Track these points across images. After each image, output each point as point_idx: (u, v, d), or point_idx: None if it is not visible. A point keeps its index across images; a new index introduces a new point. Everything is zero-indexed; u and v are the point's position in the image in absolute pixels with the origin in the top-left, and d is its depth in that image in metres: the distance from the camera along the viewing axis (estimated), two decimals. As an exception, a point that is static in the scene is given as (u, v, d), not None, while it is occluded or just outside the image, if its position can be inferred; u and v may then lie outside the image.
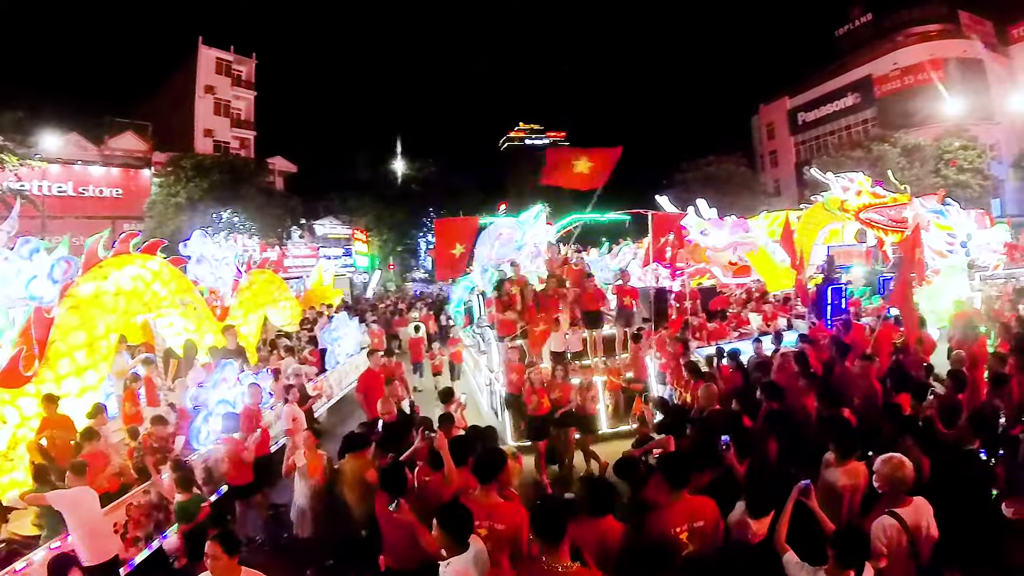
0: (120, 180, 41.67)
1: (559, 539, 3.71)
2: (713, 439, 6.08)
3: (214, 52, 50.81)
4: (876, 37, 52.53)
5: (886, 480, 4.54)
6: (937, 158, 39.90)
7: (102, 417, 8.81)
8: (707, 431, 6.40)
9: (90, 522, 6.23)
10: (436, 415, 8.05)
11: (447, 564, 4.05)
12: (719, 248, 18.11)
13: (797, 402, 7.88)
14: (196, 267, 12.97)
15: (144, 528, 7.57)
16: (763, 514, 4.46)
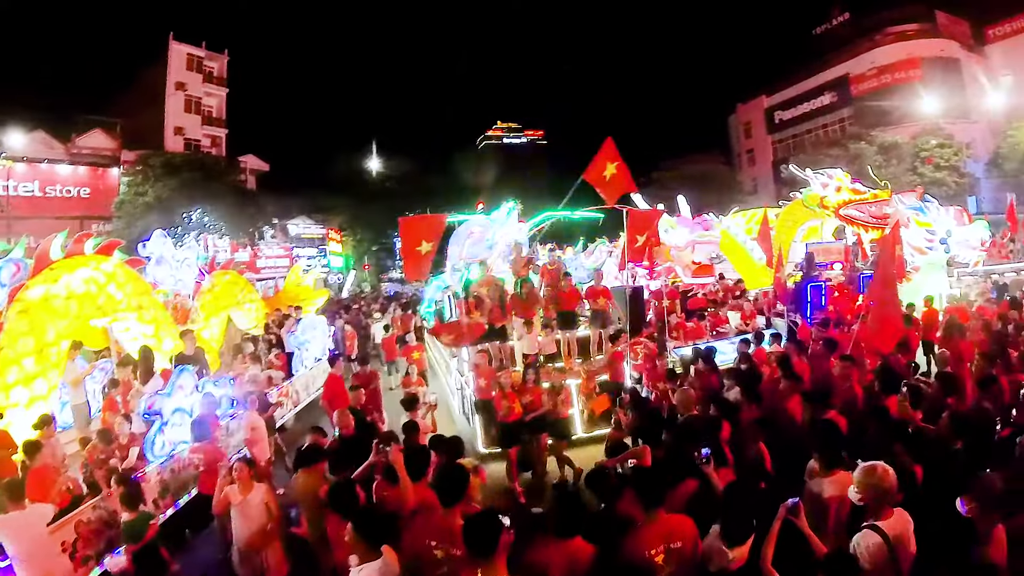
0: (88, 179, 40.80)
1: (490, 553, 3.41)
2: (690, 448, 5.72)
3: (185, 48, 49.86)
4: (854, 36, 52.65)
5: (868, 491, 4.20)
6: (914, 156, 40.13)
7: (49, 429, 8.30)
8: (684, 439, 6.01)
9: (32, 547, 5.79)
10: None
11: (359, 570, 3.95)
12: (680, 247, 17.90)
13: (780, 405, 7.55)
14: (155, 269, 12.50)
15: (94, 546, 7.02)
16: (739, 542, 4.04)
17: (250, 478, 6.40)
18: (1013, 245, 23.68)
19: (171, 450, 8.80)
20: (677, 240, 18.05)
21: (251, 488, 6.32)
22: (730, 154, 62.91)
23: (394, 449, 5.24)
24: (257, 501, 6.22)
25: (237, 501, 6.24)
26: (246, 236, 41.92)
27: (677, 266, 18.17)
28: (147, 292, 11.69)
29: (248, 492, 6.28)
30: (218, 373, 12.23)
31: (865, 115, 48.02)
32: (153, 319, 11.68)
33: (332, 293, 43.47)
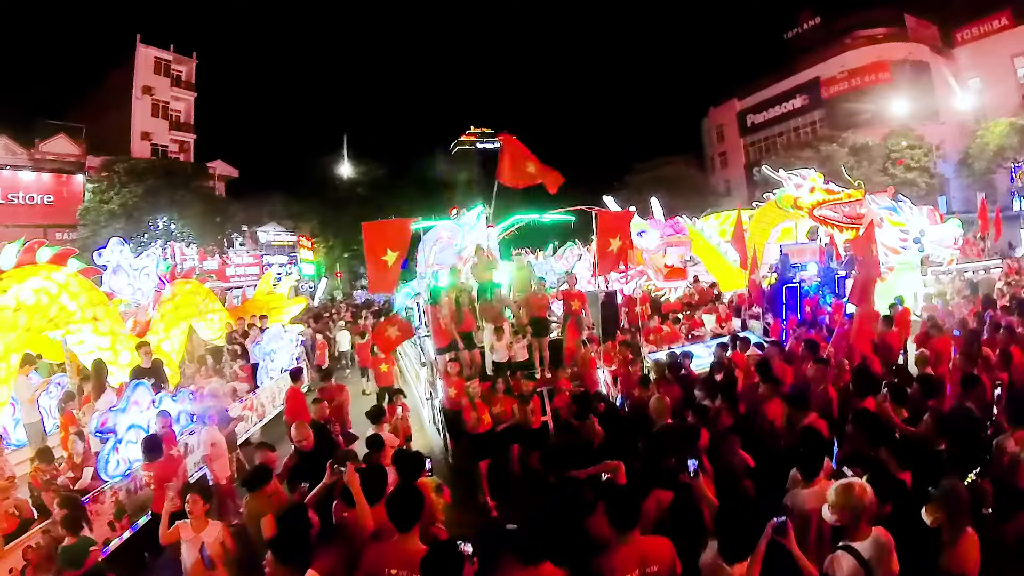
0: (52, 186, 39.59)
1: None
2: (667, 459, 5.44)
3: (152, 51, 48.57)
4: (824, 40, 53.13)
5: (844, 511, 3.94)
6: (885, 157, 40.51)
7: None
8: (660, 450, 5.72)
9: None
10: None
11: None
12: (652, 250, 17.66)
13: (758, 409, 7.31)
14: (112, 278, 11.96)
15: (45, 572, 6.62)
16: (740, 558, 3.77)
17: (204, 513, 5.86)
18: (983, 243, 23.89)
19: (126, 469, 8.36)
20: (648, 243, 17.81)
21: (205, 525, 5.79)
22: (703, 157, 63.17)
23: (349, 469, 4.84)
24: (211, 540, 5.66)
25: (189, 537, 5.73)
26: (215, 244, 41.09)
27: (649, 269, 17.94)
28: (103, 303, 11.18)
29: (202, 529, 5.74)
30: (179, 387, 11.78)
31: (836, 117, 48.54)
32: (109, 331, 11.15)
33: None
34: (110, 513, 7.86)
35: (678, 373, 9.09)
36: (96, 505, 7.65)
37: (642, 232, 17.79)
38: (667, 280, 18.00)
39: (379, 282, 10.25)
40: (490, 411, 8.90)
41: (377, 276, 10.09)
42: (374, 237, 9.99)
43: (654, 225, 18.15)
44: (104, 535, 7.53)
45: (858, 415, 6.04)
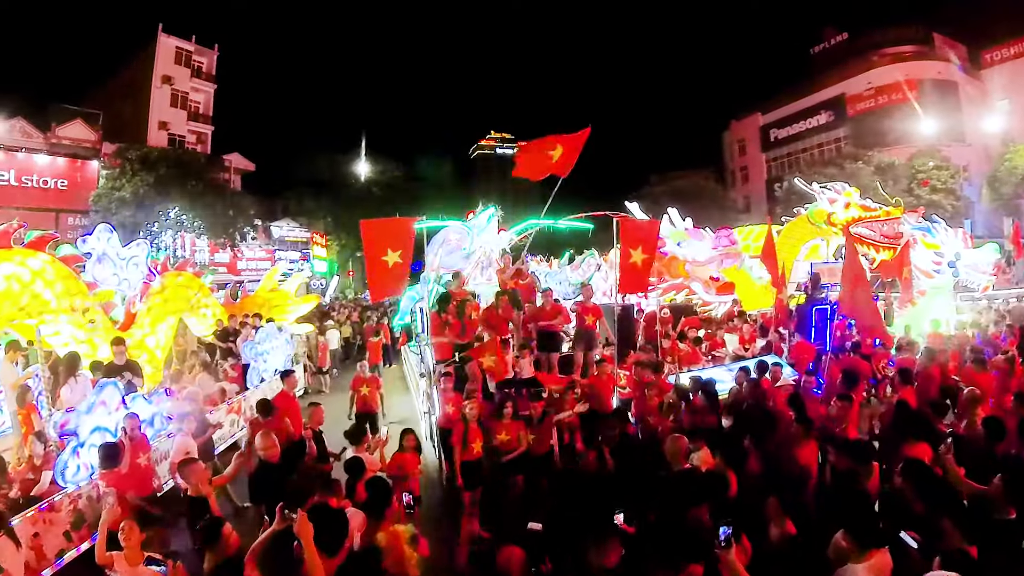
0: (66, 171, 39.15)
1: None
2: (687, 517, 4.62)
3: (174, 41, 48.42)
4: (851, 56, 52.30)
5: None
6: (910, 177, 39.52)
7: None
8: (681, 502, 4.87)
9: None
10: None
11: None
12: (701, 261, 16.60)
13: (788, 453, 6.43)
14: (96, 267, 11.19)
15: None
16: None
17: (139, 544, 5.10)
18: (1012, 270, 22.89)
19: (88, 475, 7.64)
20: (698, 254, 16.73)
21: (139, 559, 5.03)
22: (723, 171, 62.19)
23: (300, 519, 3.94)
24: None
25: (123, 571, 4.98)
26: (226, 236, 40.59)
27: (695, 282, 16.81)
28: (82, 293, 10.46)
29: (136, 563, 4.99)
30: (160, 386, 11.05)
31: (861, 135, 47.66)
32: (87, 322, 10.45)
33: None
34: (67, 522, 7.19)
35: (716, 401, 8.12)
36: (51, 513, 7.01)
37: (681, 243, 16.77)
38: (719, 293, 16.89)
39: (380, 285, 9.38)
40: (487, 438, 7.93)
41: (377, 278, 9.24)
42: (374, 236, 9.18)
43: (695, 235, 17.12)
44: (58, 546, 6.93)
45: (913, 469, 5.11)
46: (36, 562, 6.57)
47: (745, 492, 5.44)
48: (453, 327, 10.27)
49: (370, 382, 11.53)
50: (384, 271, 8.97)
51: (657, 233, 10.86)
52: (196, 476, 6.15)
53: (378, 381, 11.65)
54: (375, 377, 11.60)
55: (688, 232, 17.54)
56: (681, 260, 16.24)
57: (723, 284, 16.43)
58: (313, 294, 45.14)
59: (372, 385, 11.52)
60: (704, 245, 16.94)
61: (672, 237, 16.70)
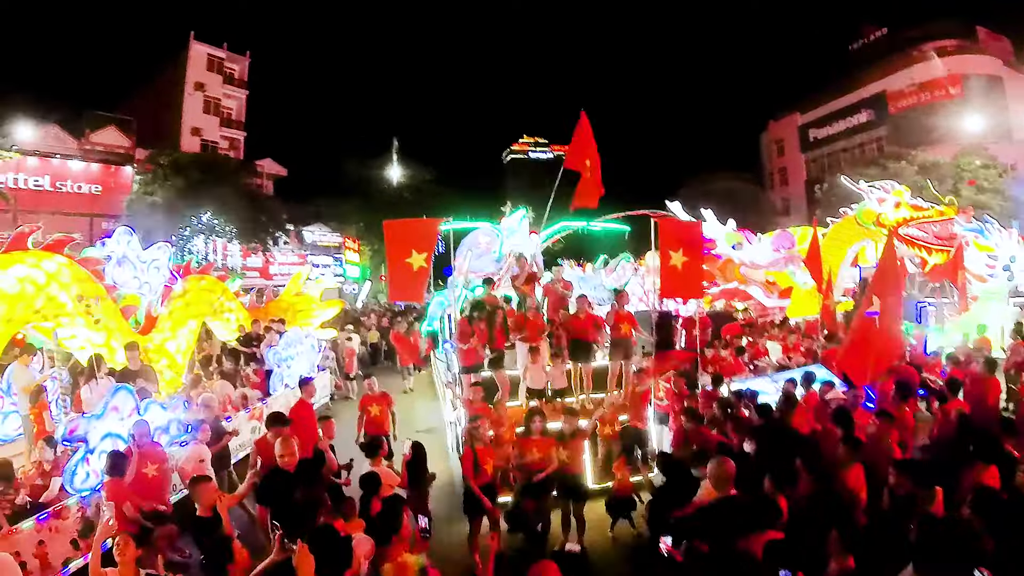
0: (100, 176, 39.63)
1: None
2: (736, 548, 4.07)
3: (206, 48, 49.14)
4: (891, 52, 50.73)
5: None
6: (955, 177, 38.06)
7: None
8: (728, 534, 4.30)
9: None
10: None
11: None
12: (760, 264, 15.79)
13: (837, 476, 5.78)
14: (116, 270, 10.98)
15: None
16: None
17: (134, 561, 4.74)
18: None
19: (98, 482, 7.39)
20: (759, 257, 15.88)
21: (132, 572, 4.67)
22: (761, 172, 61.01)
23: (300, 550, 3.51)
24: None
25: None
26: (258, 241, 40.68)
27: (754, 287, 15.96)
28: (99, 295, 10.26)
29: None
30: (180, 391, 10.78)
31: (903, 133, 46.03)
32: (104, 326, 10.21)
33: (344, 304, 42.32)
34: (74, 530, 7.07)
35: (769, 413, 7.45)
36: (58, 520, 6.91)
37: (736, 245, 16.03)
38: (781, 298, 16.04)
39: (402, 288, 8.88)
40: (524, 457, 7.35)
41: (400, 281, 8.77)
42: (398, 237, 8.77)
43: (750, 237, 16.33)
44: (65, 554, 6.82)
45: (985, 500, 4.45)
46: (41, 571, 6.42)
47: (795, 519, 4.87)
48: (482, 334, 9.79)
49: (380, 400, 10.22)
50: (407, 274, 8.52)
51: (700, 234, 10.19)
52: (206, 496, 5.75)
53: (389, 399, 10.37)
54: (385, 395, 10.33)
55: (744, 235, 16.82)
56: (737, 263, 15.48)
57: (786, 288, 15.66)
58: (345, 298, 45.52)
59: (383, 403, 10.18)
60: (763, 247, 16.19)
61: (727, 239, 15.97)
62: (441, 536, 7.22)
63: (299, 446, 6.59)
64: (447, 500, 9.06)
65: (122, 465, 6.73)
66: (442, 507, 8.65)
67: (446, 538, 7.46)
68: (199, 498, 5.73)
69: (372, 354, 23.76)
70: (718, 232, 16.01)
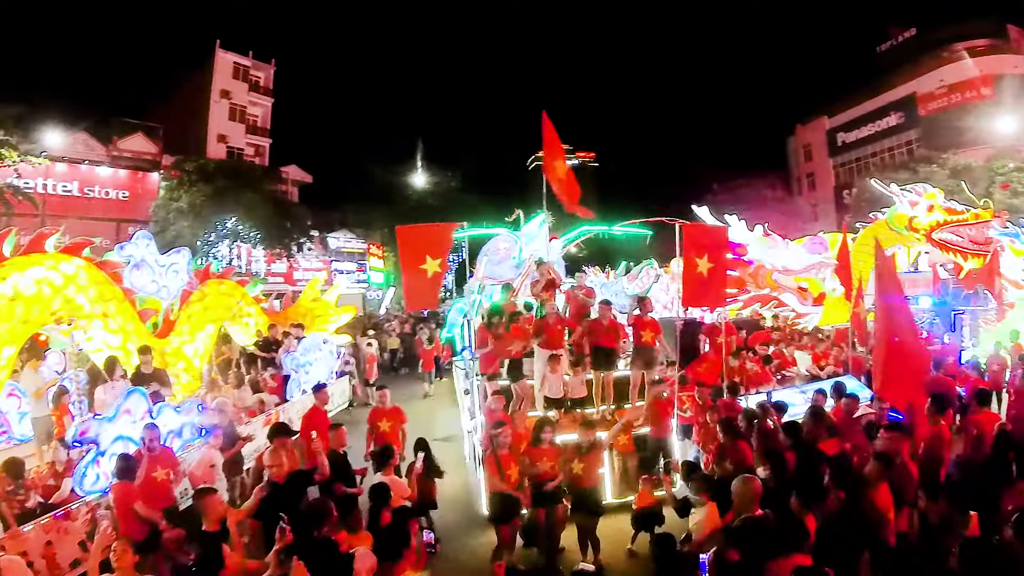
0: (127, 182, 40.09)
1: None
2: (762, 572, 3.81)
3: (231, 56, 49.61)
4: (920, 54, 49.56)
5: None
6: (988, 180, 37.12)
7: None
8: (755, 557, 4.04)
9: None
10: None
11: None
12: (793, 270, 15.31)
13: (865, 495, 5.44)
14: (134, 273, 10.95)
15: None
16: None
17: (132, 567, 4.64)
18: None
19: (108, 485, 7.31)
20: (793, 262, 15.44)
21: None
22: (788, 178, 60.05)
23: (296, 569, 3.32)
24: None
25: None
26: (283, 247, 40.88)
27: (787, 293, 15.45)
28: (116, 298, 10.30)
29: None
30: (195, 396, 10.71)
31: (934, 136, 44.87)
32: (121, 328, 10.22)
33: (368, 310, 42.33)
34: (83, 532, 6.97)
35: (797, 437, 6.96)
36: (67, 522, 6.87)
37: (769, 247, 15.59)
38: (815, 304, 15.61)
39: (417, 295, 8.74)
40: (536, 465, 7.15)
41: (415, 288, 8.60)
42: (411, 242, 8.57)
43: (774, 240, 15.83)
44: (73, 555, 6.75)
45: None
46: (48, 571, 6.38)
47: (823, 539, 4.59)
48: (503, 339, 9.53)
49: (392, 415, 9.44)
50: (422, 280, 8.35)
51: (726, 240, 9.88)
52: (212, 509, 5.49)
53: (402, 415, 9.57)
54: (397, 409, 9.61)
55: (770, 240, 16.38)
56: (769, 269, 15.04)
57: (820, 295, 15.20)
58: (369, 304, 45.53)
59: (394, 419, 9.39)
60: (797, 252, 15.74)
61: (759, 243, 15.55)
62: (453, 551, 7.01)
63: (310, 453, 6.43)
64: (462, 511, 8.86)
65: (132, 468, 6.65)
66: (455, 520, 8.44)
67: (459, 555, 7.25)
68: (205, 511, 5.48)
69: (392, 360, 23.71)
70: (748, 236, 15.59)
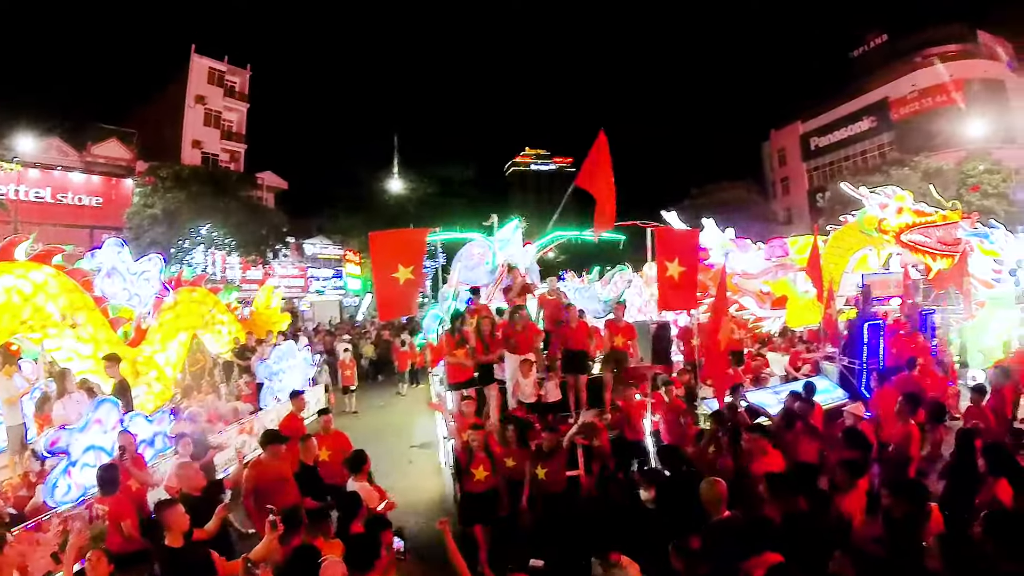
0: (101, 188, 39.71)
1: None
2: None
3: (207, 61, 49.04)
4: (892, 59, 50.50)
5: None
6: (960, 183, 37.79)
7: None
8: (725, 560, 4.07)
9: None
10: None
11: None
12: (752, 274, 15.52)
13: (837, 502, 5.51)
14: (105, 281, 10.82)
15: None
16: None
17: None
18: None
19: (80, 496, 7.34)
20: (750, 266, 15.69)
21: None
22: (763, 182, 60.65)
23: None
24: None
25: None
26: (258, 254, 40.53)
27: (746, 297, 15.69)
28: (87, 307, 10.16)
29: None
30: (170, 404, 10.61)
31: (906, 140, 45.65)
32: (92, 337, 10.09)
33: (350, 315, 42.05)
34: (55, 543, 6.86)
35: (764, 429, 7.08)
36: (39, 533, 6.78)
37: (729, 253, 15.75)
38: (774, 308, 15.87)
39: (390, 303, 8.56)
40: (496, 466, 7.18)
41: (388, 296, 8.41)
42: (383, 249, 8.43)
43: (741, 246, 16.03)
44: (45, 567, 6.66)
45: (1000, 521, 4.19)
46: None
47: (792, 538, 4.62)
48: (476, 348, 9.50)
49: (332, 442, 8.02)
50: (395, 288, 8.19)
51: (696, 244, 9.95)
52: (175, 523, 5.20)
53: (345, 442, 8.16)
54: (340, 434, 8.36)
55: (734, 242, 16.53)
56: (729, 273, 15.21)
57: (779, 298, 15.38)
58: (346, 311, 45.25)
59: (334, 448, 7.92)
60: (755, 256, 15.92)
61: (720, 247, 15.70)
62: (426, 558, 6.95)
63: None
64: (439, 516, 8.79)
65: (115, 479, 6.36)
66: (432, 524, 8.36)
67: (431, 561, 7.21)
68: (168, 525, 5.21)
69: (369, 367, 23.72)
70: (714, 241, 15.74)
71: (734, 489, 5.10)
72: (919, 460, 7.13)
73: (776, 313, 15.96)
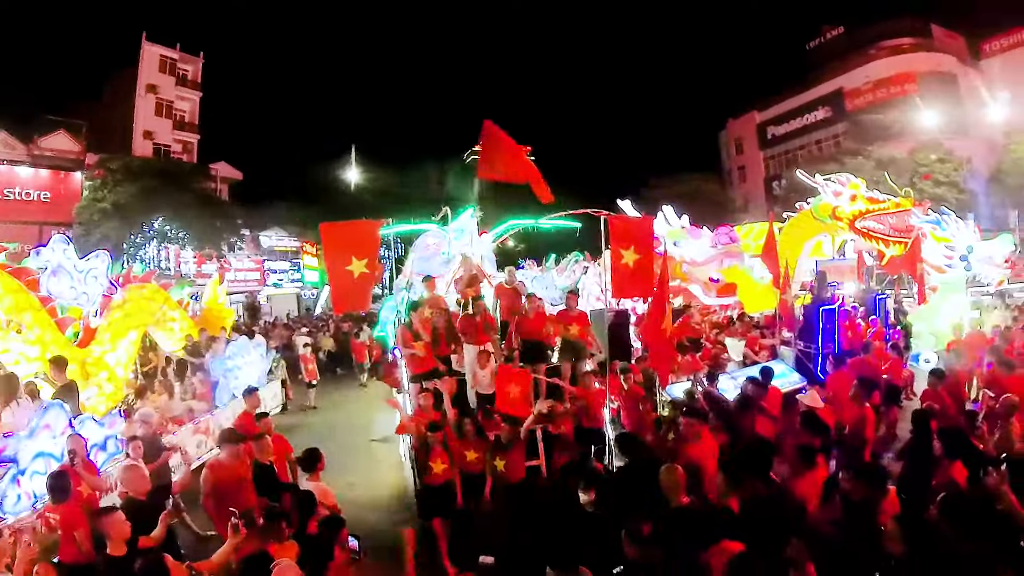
0: (49, 183, 38.51)
1: None
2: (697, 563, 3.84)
3: (158, 49, 47.37)
4: (848, 50, 51.66)
5: None
6: (912, 172, 38.73)
7: None
8: (685, 547, 4.06)
9: None
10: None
11: None
12: (699, 262, 15.71)
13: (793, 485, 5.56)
14: (51, 280, 10.45)
15: None
16: None
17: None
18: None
19: (30, 504, 7.02)
20: (696, 254, 15.85)
21: None
22: (720, 171, 61.36)
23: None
24: None
25: None
26: (213, 247, 39.76)
27: (694, 285, 15.87)
28: (33, 307, 9.80)
29: None
30: (122, 405, 10.32)
31: (860, 130, 46.71)
32: (39, 339, 9.73)
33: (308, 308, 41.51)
34: (8, 556, 6.32)
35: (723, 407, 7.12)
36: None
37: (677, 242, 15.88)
38: (719, 296, 16.16)
39: (344, 296, 8.30)
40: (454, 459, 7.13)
41: (342, 290, 8.13)
42: (335, 241, 8.16)
43: (692, 234, 16.20)
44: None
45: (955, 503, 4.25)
46: None
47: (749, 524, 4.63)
48: (440, 340, 9.36)
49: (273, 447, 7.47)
50: (349, 282, 7.89)
51: (651, 231, 9.94)
52: (115, 531, 5.00)
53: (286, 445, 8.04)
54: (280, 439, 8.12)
55: (686, 230, 16.68)
56: (678, 261, 15.35)
57: (724, 286, 15.60)
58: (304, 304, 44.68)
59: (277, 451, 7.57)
60: (702, 244, 16.12)
61: (669, 236, 15.81)
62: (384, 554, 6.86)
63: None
64: (400, 511, 8.74)
65: (66, 486, 6.08)
66: (392, 519, 8.28)
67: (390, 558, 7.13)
68: (108, 533, 4.99)
69: (328, 360, 23.47)
70: (661, 230, 15.88)
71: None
72: (874, 442, 7.28)
73: (722, 300, 16.18)
